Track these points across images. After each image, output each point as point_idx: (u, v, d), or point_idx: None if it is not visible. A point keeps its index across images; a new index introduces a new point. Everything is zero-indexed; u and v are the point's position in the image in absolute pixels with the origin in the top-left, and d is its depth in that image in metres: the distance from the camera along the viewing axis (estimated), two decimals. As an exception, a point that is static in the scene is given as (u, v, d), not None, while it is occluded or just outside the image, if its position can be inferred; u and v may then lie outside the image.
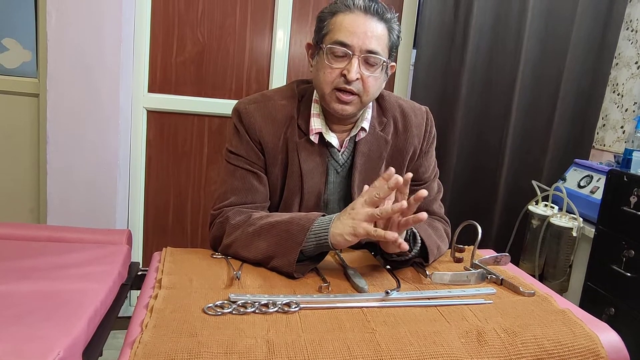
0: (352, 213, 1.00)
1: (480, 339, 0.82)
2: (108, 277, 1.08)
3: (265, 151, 1.21)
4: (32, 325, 0.83)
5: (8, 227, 1.29)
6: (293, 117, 1.21)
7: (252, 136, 1.20)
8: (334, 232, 1.01)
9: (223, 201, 1.20)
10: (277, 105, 1.22)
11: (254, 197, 1.20)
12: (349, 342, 0.77)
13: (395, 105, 1.29)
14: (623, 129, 2.38)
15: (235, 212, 1.16)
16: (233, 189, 1.20)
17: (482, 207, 2.39)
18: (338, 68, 1.11)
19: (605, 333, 0.88)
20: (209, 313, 0.83)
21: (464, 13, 2.20)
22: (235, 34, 2.22)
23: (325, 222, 1.03)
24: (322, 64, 1.13)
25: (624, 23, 2.39)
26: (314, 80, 1.19)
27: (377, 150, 1.24)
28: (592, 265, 1.89)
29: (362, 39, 1.09)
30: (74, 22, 1.85)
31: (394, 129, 1.26)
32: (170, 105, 2.21)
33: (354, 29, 1.09)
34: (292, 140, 1.20)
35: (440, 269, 1.13)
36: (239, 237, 1.10)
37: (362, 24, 1.09)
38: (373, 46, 1.10)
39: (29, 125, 2.10)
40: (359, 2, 1.10)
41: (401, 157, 1.27)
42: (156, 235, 2.33)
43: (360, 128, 1.22)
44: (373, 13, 1.11)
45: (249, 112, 1.20)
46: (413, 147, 1.28)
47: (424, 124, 1.30)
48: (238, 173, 1.21)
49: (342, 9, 1.11)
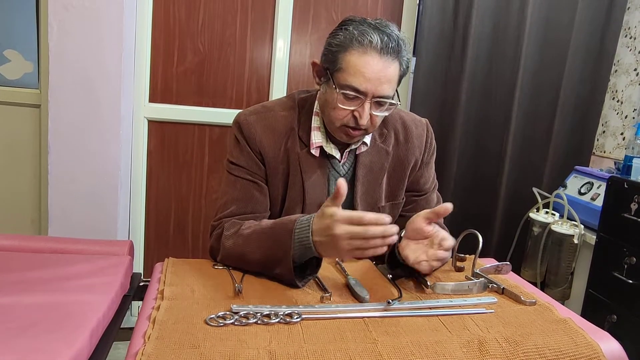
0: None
1: (482, 348, 0.82)
2: (110, 289, 1.08)
3: (266, 162, 1.21)
4: (35, 338, 0.83)
5: (10, 239, 1.29)
6: (293, 128, 1.22)
7: (252, 147, 1.21)
8: (314, 229, 0.99)
9: (224, 211, 1.21)
10: (278, 116, 1.22)
11: (254, 207, 1.21)
12: (351, 353, 0.77)
13: (396, 117, 1.30)
14: (623, 135, 2.39)
15: (230, 224, 1.16)
16: (234, 199, 1.21)
17: (483, 215, 2.39)
18: (349, 109, 1.11)
19: (606, 342, 0.89)
20: (211, 324, 0.83)
21: (463, 21, 2.21)
22: (235, 44, 2.23)
23: (304, 224, 1.01)
24: (332, 100, 1.12)
25: (622, 30, 2.40)
26: (321, 106, 1.20)
27: (378, 162, 1.26)
28: (593, 272, 1.88)
29: (375, 85, 1.08)
30: (76, 34, 1.87)
31: (395, 140, 1.28)
32: (171, 115, 2.22)
33: (368, 75, 1.07)
34: (293, 151, 1.21)
35: (441, 278, 1.13)
36: (233, 251, 1.11)
37: (376, 70, 1.07)
38: (385, 91, 1.10)
39: (30, 136, 2.10)
40: (375, 41, 1.07)
41: (403, 167, 1.29)
42: (157, 245, 2.33)
43: (361, 142, 1.23)
44: (389, 52, 1.08)
45: (250, 123, 1.21)
46: (415, 158, 1.29)
47: (424, 136, 1.31)
48: (239, 183, 1.21)
49: (355, 47, 1.08)
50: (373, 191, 1.26)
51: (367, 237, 0.92)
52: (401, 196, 1.31)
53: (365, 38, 1.07)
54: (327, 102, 1.15)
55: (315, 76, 1.20)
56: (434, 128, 1.35)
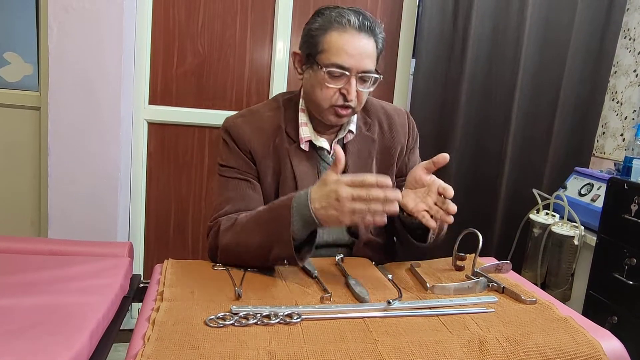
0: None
1: (483, 348, 0.82)
2: (110, 290, 1.08)
3: (256, 160, 1.25)
4: (35, 340, 0.83)
5: (9, 240, 1.29)
6: (280, 126, 1.27)
7: (241, 147, 1.25)
8: (313, 197, 1.02)
9: (219, 211, 1.23)
10: (264, 117, 1.28)
11: (248, 204, 1.22)
12: (351, 353, 0.77)
13: (378, 107, 1.37)
14: (623, 136, 2.39)
15: (226, 220, 1.19)
16: (227, 198, 1.23)
17: (483, 216, 2.39)
18: (336, 87, 1.16)
19: (607, 340, 0.88)
20: (210, 325, 0.83)
21: (463, 23, 2.21)
22: (235, 46, 2.23)
23: (302, 196, 1.04)
24: (318, 81, 1.17)
25: (621, 31, 2.41)
26: (307, 93, 1.24)
27: (365, 150, 1.31)
28: (594, 273, 1.88)
29: (357, 60, 1.14)
30: (75, 36, 1.87)
31: (379, 129, 1.34)
32: (171, 116, 2.22)
33: (350, 51, 1.13)
34: (282, 147, 1.25)
35: (442, 277, 1.13)
36: (231, 242, 1.13)
37: (357, 45, 1.14)
38: (368, 66, 1.16)
39: (30, 138, 2.10)
40: (353, 20, 1.14)
41: (390, 154, 1.35)
42: (157, 247, 2.33)
43: (347, 131, 1.29)
44: (366, 30, 1.15)
45: (237, 125, 1.26)
46: (400, 144, 1.36)
47: (406, 124, 1.39)
48: (231, 184, 1.24)
49: (335, 27, 1.14)
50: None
51: (369, 199, 0.95)
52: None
53: (344, 18, 1.14)
54: (313, 86, 1.19)
55: (296, 67, 1.26)
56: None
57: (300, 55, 1.24)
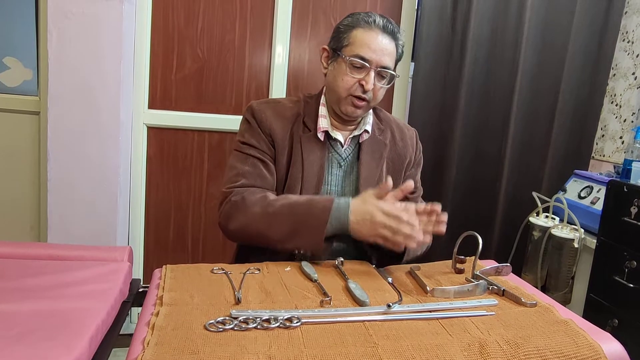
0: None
1: (483, 351, 0.82)
2: (109, 295, 1.08)
3: (275, 143, 1.33)
4: (34, 345, 0.83)
5: (9, 246, 1.29)
6: (300, 114, 1.36)
7: (263, 129, 1.33)
8: (353, 209, 1.17)
9: (235, 182, 1.29)
10: (286, 106, 1.38)
11: (263, 183, 1.30)
12: (352, 357, 0.77)
13: (390, 119, 1.48)
14: (622, 139, 2.39)
15: (251, 192, 1.25)
16: (244, 172, 1.30)
17: (483, 219, 2.39)
18: (356, 78, 1.27)
19: (608, 343, 0.88)
20: (210, 330, 0.83)
21: (461, 26, 2.21)
22: (234, 50, 2.23)
23: (343, 204, 1.18)
24: (341, 71, 1.29)
25: (620, 34, 2.41)
26: (329, 83, 1.35)
27: (378, 151, 1.40)
28: (594, 276, 1.88)
29: (378, 55, 1.26)
30: (75, 41, 1.87)
31: (392, 136, 1.44)
32: (170, 121, 2.22)
33: (373, 46, 1.26)
34: (297, 133, 1.34)
35: (442, 280, 1.13)
36: (258, 217, 1.21)
37: (379, 42, 1.26)
38: (387, 62, 1.28)
39: (29, 143, 2.11)
40: (378, 21, 1.27)
41: (400, 161, 1.44)
42: (157, 252, 2.33)
43: (363, 130, 1.37)
44: (388, 32, 1.28)
45: (261, 109, 1.35)
46: (409, 155, 1.46)
47: (415, 139, 1.50)
48: (249, 160, 1.32)
49: (362, 25, 1.27)
50: (375, 176, 1.37)
51: (397, 231, 1.12)
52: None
53: (370, 18, 1.28)
54: (335, 77, 1.31)
55: (323, 62, 1.37)
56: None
57: (327, 50, 1.35)
